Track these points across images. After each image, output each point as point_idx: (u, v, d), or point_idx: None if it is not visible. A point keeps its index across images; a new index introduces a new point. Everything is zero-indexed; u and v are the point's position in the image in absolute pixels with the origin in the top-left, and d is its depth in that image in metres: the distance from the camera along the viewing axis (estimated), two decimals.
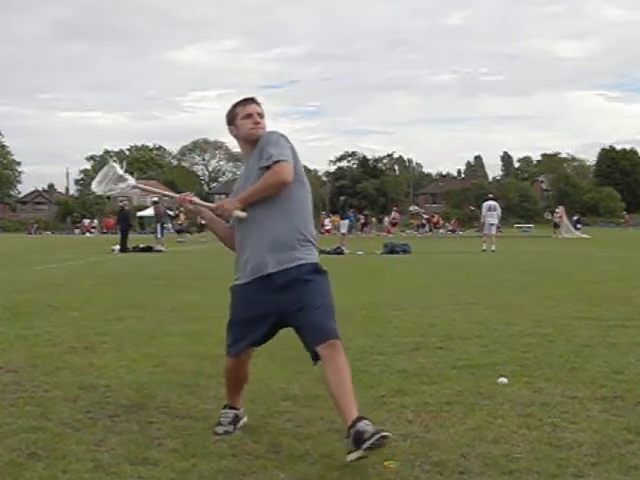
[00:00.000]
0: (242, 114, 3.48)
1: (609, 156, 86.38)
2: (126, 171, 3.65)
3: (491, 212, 22.31)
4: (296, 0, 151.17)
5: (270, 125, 3.54)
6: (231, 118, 3.52)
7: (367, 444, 2.91)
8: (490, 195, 25.40)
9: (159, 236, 24.58)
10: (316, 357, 3.25)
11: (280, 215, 3.36)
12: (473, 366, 4.93)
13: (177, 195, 3.68)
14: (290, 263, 3.33)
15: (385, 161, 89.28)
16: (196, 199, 3.58)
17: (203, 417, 3.77)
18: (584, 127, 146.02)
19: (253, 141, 3.46)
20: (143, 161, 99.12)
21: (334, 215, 39.83)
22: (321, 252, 4.50)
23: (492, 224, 22.16)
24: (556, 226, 38.90)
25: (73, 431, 3.53)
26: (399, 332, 6.16)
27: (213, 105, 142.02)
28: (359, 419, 3.04)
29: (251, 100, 3.54)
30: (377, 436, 2.91)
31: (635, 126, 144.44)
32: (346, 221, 22.60)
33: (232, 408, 3.64)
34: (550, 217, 44.17)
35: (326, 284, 3.40)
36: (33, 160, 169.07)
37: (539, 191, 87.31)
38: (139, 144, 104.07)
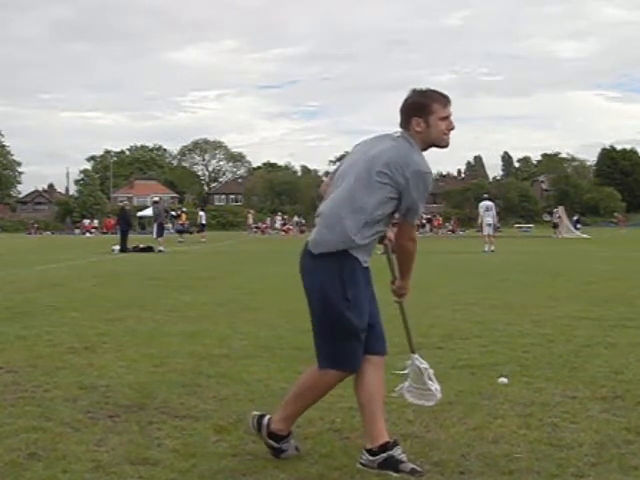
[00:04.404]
0: (441, 114, 3.08)
1: (609, 156, 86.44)
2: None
3: (488, 212, 22.42)
4: (296, 0, 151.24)
5: (270, 125, 3.45)
6: (425, 112, 3.08)
7: (400, 475, 2.96)
8: (485, 195, 25.56)
9: (155, 236, 24.56)
10: None
11: None
12: (473, 366, 4.93)
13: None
14: None
15: None
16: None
17: (203, 417, 3.76)
18: (584, 127, 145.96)
19: (433, 145, 3.15)
20: (143, 161, 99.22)
21: None
22: None
23: (489, 224, 22.28)
24: (555, 226, 38.95)
25: (73, 431, 3.53)
26: (399, 332, 6.14)
27: (213, 105, 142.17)
28: (396, 443, 3.07)
29: (449, 100, 3.14)
30: (414, 472, 2.96)
31: (635, 126, 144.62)
32: None
33: (288, 435, 3.22)
34: (549, 219, 44.19)
35: None
36: (33, 160, 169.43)
37: (539, 191, 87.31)
38: (139, 144, 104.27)
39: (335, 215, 3.02)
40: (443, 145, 3.14)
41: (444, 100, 3.12)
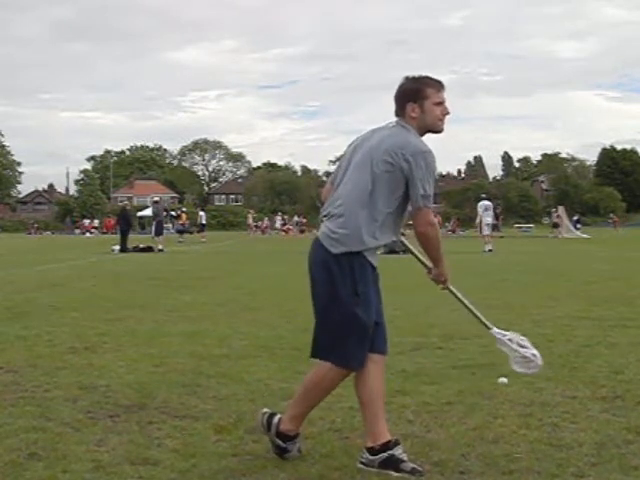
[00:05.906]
0: (435, 99, 3.09)
1: (609, 156, 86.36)
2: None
3: (487, 212, 22.56)
4: (296, 0, 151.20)
5: (270, 125, 3.43)
6: (419, 97, 3.08)
7: (400, 474, 2.96)
8: (484, 195, 25.70)
9: (153, 235, 24.52)
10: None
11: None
12: (473, 366, 4.93)
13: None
14: None
15: None
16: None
17: (203, 417, 3.76)
18: (584, 127, 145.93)
19: (429, 130, 3.14)
20: (143, 161, 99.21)
21: None
22: None
23: (488, 224, 22.42)
24: (555, 226, 38.98)
25: (73, 431, 3.53)
26: (399, 332, 6.15)
27: (213, 105, 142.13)
28: (397, 442, 3.07)
29: (443, 86, 3.14)
30: (414, 471, 2.96)
31: (635, 126, 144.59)
32: None
33: (296, 437, 3.20)
34: (549, 221, 44.22)
35: None
36: (33, 160, 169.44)
37: (539, 191, 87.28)
38: (139, 144, 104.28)
39: (351, 215, 3.01)
40: (438, 130, 3.15)
41: (437, 85, 3.13)
